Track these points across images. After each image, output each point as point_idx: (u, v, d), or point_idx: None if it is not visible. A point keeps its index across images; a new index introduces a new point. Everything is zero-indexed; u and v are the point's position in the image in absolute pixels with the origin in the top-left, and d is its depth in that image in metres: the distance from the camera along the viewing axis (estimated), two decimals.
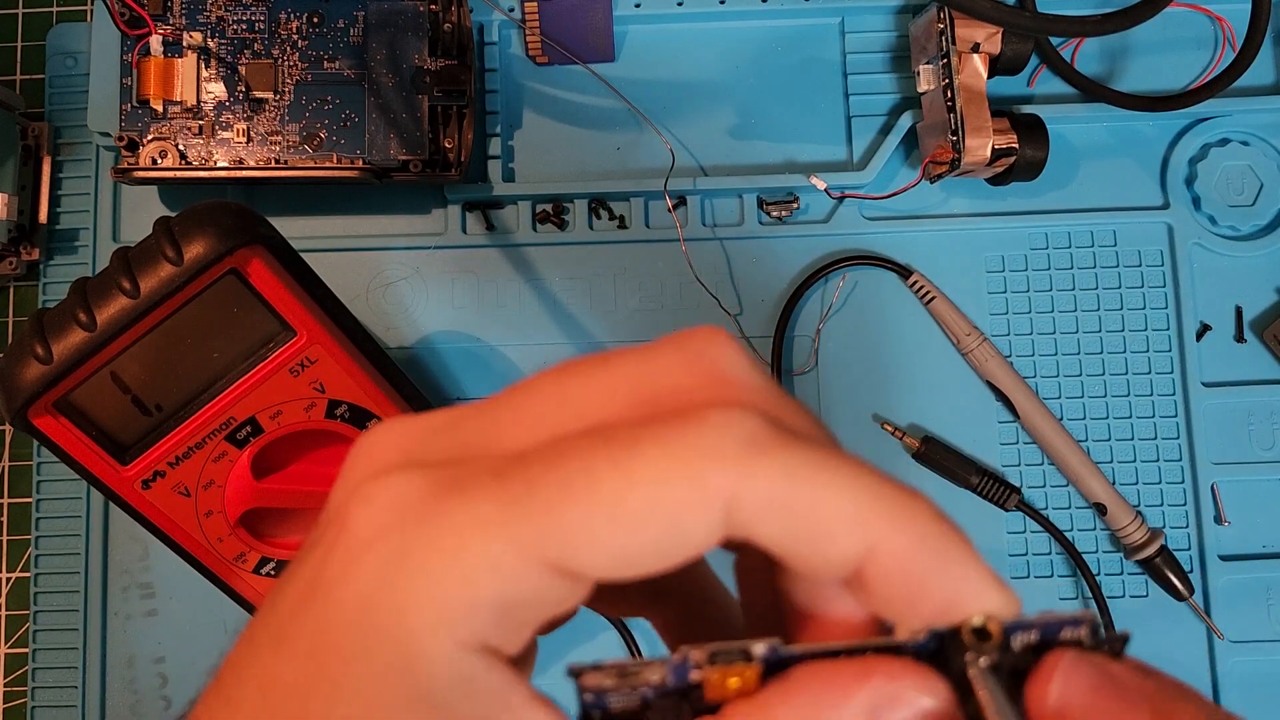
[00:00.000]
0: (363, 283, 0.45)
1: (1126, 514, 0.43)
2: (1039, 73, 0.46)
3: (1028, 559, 0.44)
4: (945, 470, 0.44)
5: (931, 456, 0.44)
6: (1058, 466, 0.44)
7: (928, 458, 0.44)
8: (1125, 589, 0.44)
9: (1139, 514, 0.44)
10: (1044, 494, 0.44)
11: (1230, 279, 0.45)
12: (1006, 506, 0.44)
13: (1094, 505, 0.44)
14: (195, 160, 0.43)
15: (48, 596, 0.44)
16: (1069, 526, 0.44)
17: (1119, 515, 0.43)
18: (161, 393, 0.37)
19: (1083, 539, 0.44)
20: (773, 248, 0.46)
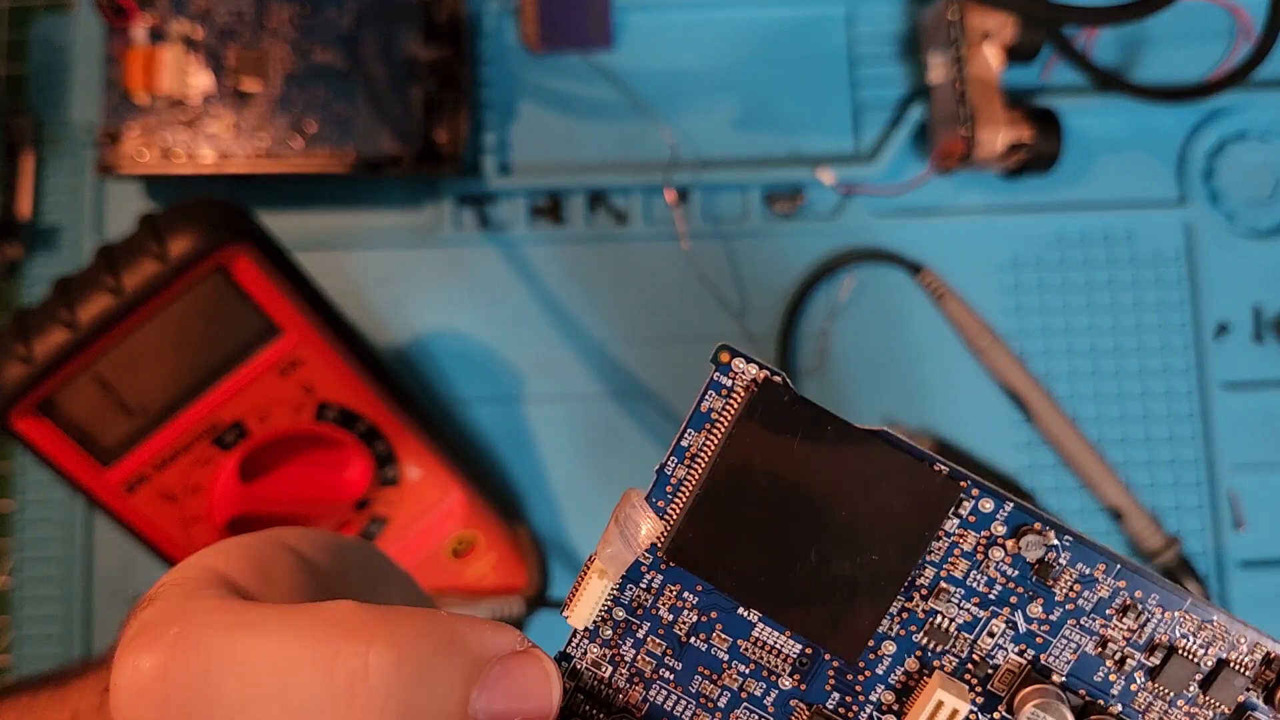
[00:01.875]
0: (353, 280, 0.44)
1: (1142, 519, 0.42)
2: (1051, 63, 0.45)
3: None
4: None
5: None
6: (1072, 470, 0.43)
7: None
8: None
9: (1156, 519, 0.43)
10: (1058, 498, 0.43)
11: (1249, 276, 0.44)
12: None
13: (1109, 510, 0.43)
14: (182, 154, 0.42)
15: (31, 604, 0.43)
16: (1084, 531, 0.43)
17: (1135, 520, 0.42)
18: (146, 394, 0.36)
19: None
20: (778, 244, 0.45)
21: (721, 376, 0.18)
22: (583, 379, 0.44)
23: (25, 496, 0.44)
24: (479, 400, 0.44)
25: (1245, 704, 0.17)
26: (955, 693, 0.17)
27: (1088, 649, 0.17)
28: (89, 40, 0.43)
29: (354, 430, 0.38)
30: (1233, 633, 0.17)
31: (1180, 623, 0.17)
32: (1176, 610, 0.17)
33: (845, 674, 0.18)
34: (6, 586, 0.44)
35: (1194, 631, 0.17)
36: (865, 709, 0.18)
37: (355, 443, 0.38)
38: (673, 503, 0.18)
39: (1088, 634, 0.17)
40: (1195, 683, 0.17)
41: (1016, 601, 0.17)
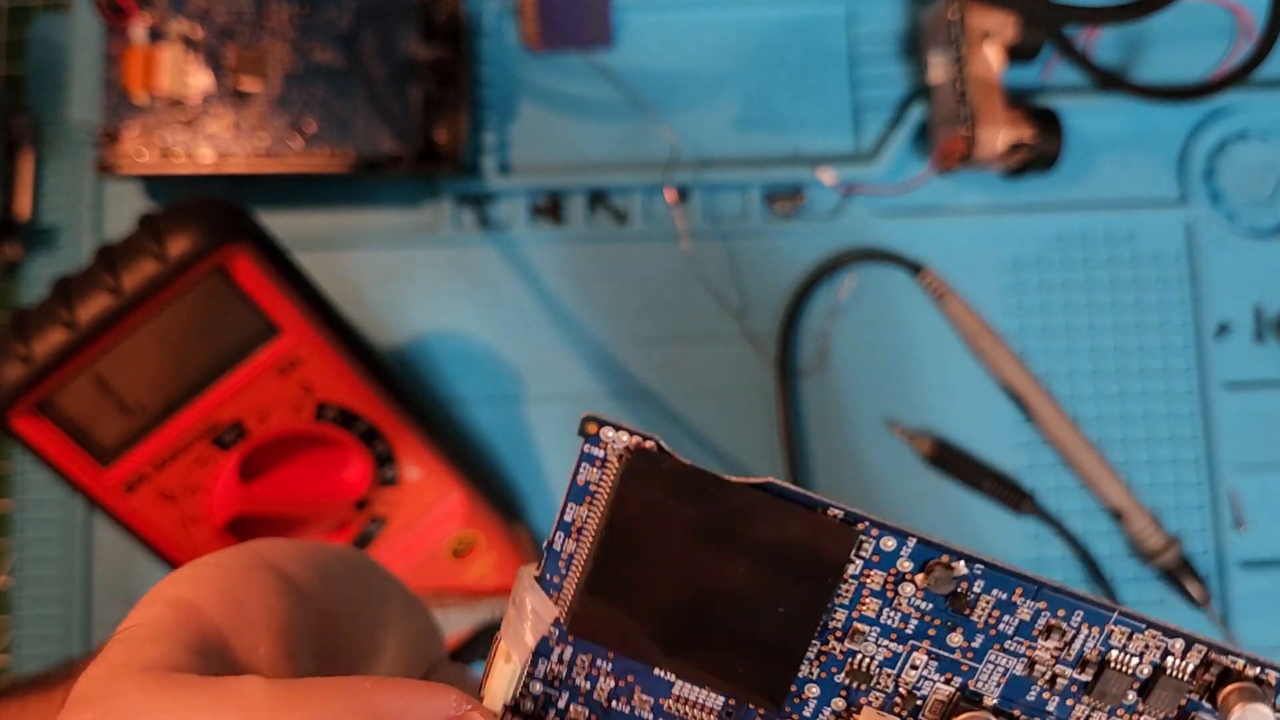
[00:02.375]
0: (352, 280, 0.44)
1: (1143, 519, 0.42)
2: (1052, 63, 0.45)
3: (1042, 564, 0.43)
4: (957, 474, 0.43)
5: (943, 460, 0.43)
6: (1073, 470, 0.43)
7: (939, 462, 0.43)
8: (1141, 595, 0.43)
9: (1156, 519, 0.42)
10: (1058, 498, 0.43)
11: (1250, 276, 0.44)
12: (1020, 511, 0.43)
13: (1110, 510, 0.43)
14: (181, 154, 0.42)
15: (31, 604, 0.43)
16: (1084, 531, 0.43)
17: (1135, 520, 0.42)
18: (145, 394, 0.36)
19: (1098, 544, 0.43)
20: (778, 244, 0.44)
21: (592, 448, 0.17)
22: (583, 379, 0.44)
23: (24, 496, 0.44)
24: (479, 400, 0.44)
25: (1188, 706, 0.17)
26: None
27: (1016, 671, 0.17)
28: (88, 40, 0.43)
29: (353, 430, 0.38)
30: (1165, 640, 0.17)
31: (1109, 636, 0.17)
32: (1102, 625, 0.17)
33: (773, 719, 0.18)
34: (6, 586, 0.44)
35: (1124, 644, 0.17)
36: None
37: (355, 443, 0.38)
38: (567, 577, 0.18)
39: (1014, 657, 0.17)
40: (1133, 691, 0.17)
41: (935, 634, 0.17)
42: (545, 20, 0.44)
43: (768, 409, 0.43)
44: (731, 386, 0.44)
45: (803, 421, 0.44)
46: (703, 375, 0.44)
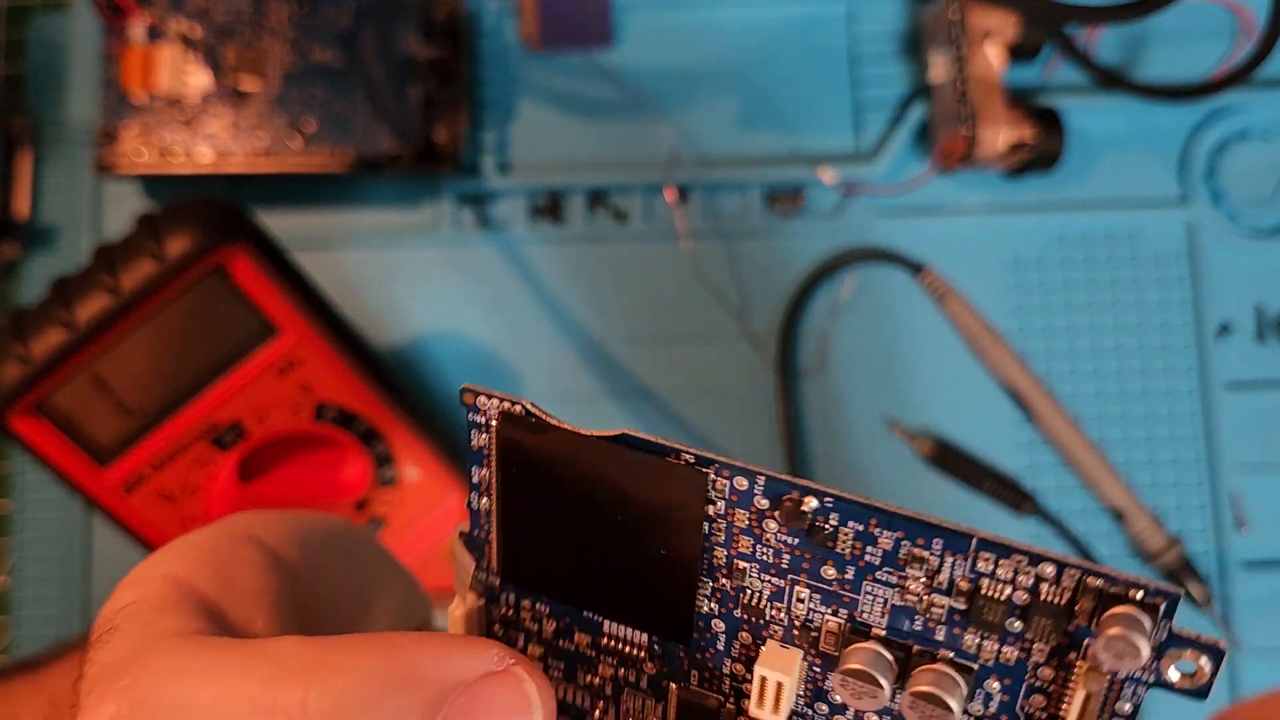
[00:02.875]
0: (351, 280, 0.44)
1: (1144, 519, 0.42)
2: (1053, 62, 0.45)
3: None
4: (958, 475, 0.43)
5: (944, 461, 0.43)
6: (1074, 470, 0.43)
7: (940, 462, 0.43)
8: None
9: (1157, 519, 0.42)
10: (1059, 498, 0.43)
11: (1251, 276, 0.44)
12: (1021, 511, 0.43)
13: (1111, 510, 0.43)
14: (180, 153, 0.41)
15: (31, 604, 0.43)
16: (1085, 532, 0.43)
17: (1136, 520, 0.42)
18: (144, 394, 0.36)
19: (1099, 544, 0.43)
20: (779, 243, 0.44)
21: (475, 415, 0.18)
22: (583, 379, 0.44)
23: (24, 497, 0.43)
24: None
25: (1077, 632, 0.16)
26: (780, 664, 0.17)
27: (895, 601, 0.17)
28: (87, 39, 0.43)
29: (353, 430, 0.38)
30: (1036, 565, 0.16)
31: (975, 563, 0.16)
32: (965, 553, 0.16)
33: (694, 653, 0.19)
34: (5, 587, 0.44)
35: (991, 570, 0.16)
36: (723, 681, 0.19)
37: (354, 443, 0.38)
38: (489, 531, 0.19)
39: (888, 587, 0.17)
40: (1017, 619, 0.16)
41: (809, 567, 0.17)
42: (545, 19, 0.44)
43: (768, 409, 0.43)
44: (731, 386, 0.44)
45: (803, 421, 0.43)
46: (703, 375, 0.44)
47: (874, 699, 0.17)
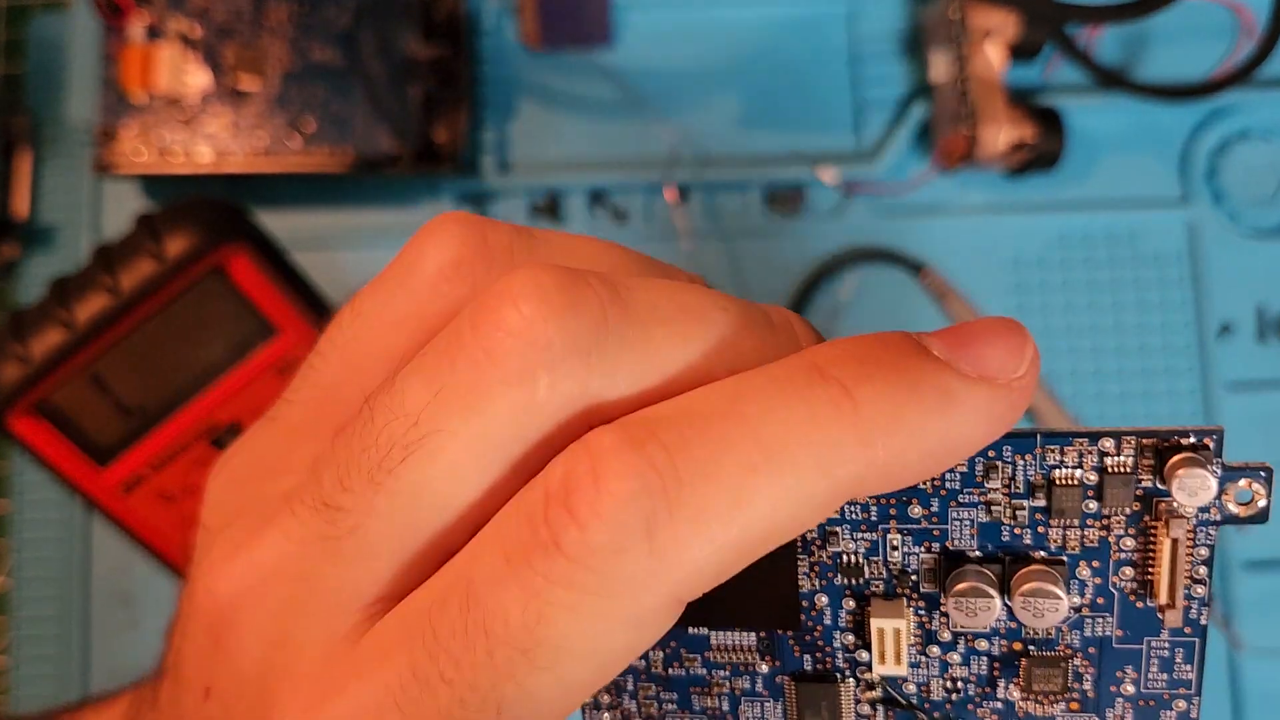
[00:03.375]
0: (351, 279, 0.44)
1: None
2: (1054, 62, 0.45)
3: None
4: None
5: None
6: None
7: None
8: None
9: None
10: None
11: (1252, 276, 0.44)
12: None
13: None
14: (179, 153, 0.41)
15: (30, 604, 0.43)
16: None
17: None
18: (143, 394, 0.36)
19: None
20: (779, 243, 0.44)
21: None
22: None
23: (23, 497, 0.43)
24: None
25: (1146, 493, 0.17)
26: (892, 613, 0.18)
27: (981, 519, 0.18)
28: (86, 39, 0.43)
29: None
30: (1096, 443, 0.17)
31: (1043, 458, 0.17)
32: (1031, 450, 0.17)
33: (803, 637, 0.19)
34: (5, 587, 0.43)
35: (1059, 460, 0.17)
36: (837, 656, 0.19)
37: None
38: None
39: (972, 507, 0.18)
40: (1091, 500, 0.17)
41: (895, 513, 0.18)
42: (545, 18, 0.44)
43: None
44: None
45: None
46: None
47: (988, 611, 0.18)
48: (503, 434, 0.15)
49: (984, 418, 0.16)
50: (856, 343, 0.16)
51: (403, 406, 0.15)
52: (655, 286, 0.16)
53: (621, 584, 0.14)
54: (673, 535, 0.14)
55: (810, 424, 0.15)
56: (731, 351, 0.16)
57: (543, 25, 0.44)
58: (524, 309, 0.15)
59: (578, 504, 0.14)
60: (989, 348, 0.16)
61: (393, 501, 0.15)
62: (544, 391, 0.15)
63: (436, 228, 0.18)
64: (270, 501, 0.17)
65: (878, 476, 0.15)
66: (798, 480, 0.15)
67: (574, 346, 0.15)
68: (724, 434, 0.15)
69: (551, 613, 0.14)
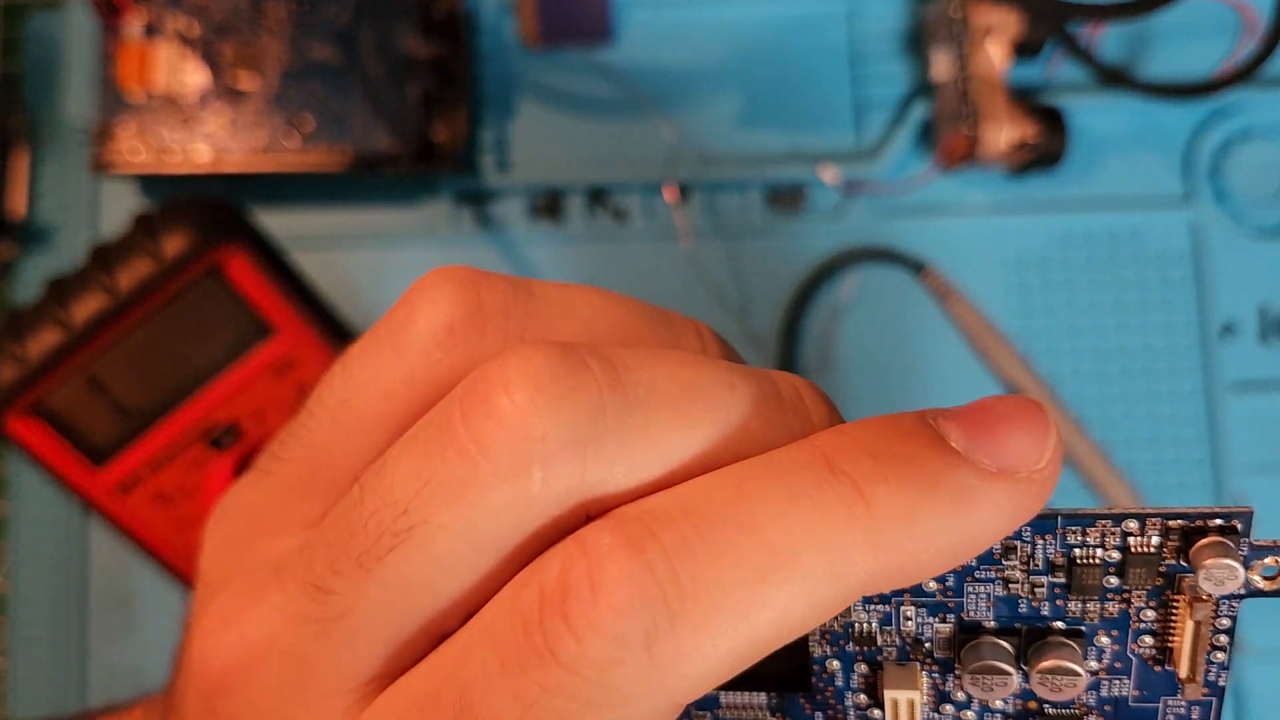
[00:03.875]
0: (349, 279, 0.44)
1: None
2: (1056, 60, 0.45)
3: None
4: None
5: None
6: (1077, 471, 0.43)
7: None
8: None
9: None
10: (1062, 499, 0.43)
11: (1255, 276, 0.44)
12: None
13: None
14: (176, 151, 0.41)
15: (27, 605, 0.43)
16: None
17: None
18: (140, 395, 0.36)
19: None
20: (780, 243, 0.44)
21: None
22: None
23: (19, 498, 0.43)
24: None
25: (1169, 570, 0.17)
26: (905, 683, 0.18)
27: (998, 593, 0.18)
28: (83, 37, 0.43)
29: None
30: (1119, 524, 0.17)
31: (1064, 538, 0.17)
32: (1053, 531, 0.17)
33: (815, 696, 0.19)
34: (2, 589, 0.43)
35: (1081, 540, 0.17)
36: (850, 715, 0.19)
37: None
38: None
39: (989, 583, 0.18)
40: (1112, 576, 0.17)
41: (910, 586, 0.17)
42: (545, 17, 0.44)
43: None
44: None
45: None
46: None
47: (1005, 687, 0.18)
48: (494, 527, 0.15)
49: (1003, 515, 0.15)
50: (871, 432, 0.15)
51: (391, 493, 0.15)
52: (659, 363, 0.16)
53: (619, 695, 0.14)
54: (674, 647, 0.14)
55: (821, 527, 0.14)
56: (738, 437, 0.16)
57: (542, 24, 0.44)
58: (516, 397, 0.14)
59: (574, 614, 0.14)
60: (1010, 438, 0.15)
61: (383, 589, 0.15)
62: (538, 486, 0.14)
63: (428, 287, 0.18)
64: (264, 566, 0.17)
65: (890, 578, 0.15)
66: (807, 585, 0.14)
67: (569, 438, 0.14)
68: (728, 538, 0.14)
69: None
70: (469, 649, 0.15)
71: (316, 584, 0.16)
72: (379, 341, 0.18)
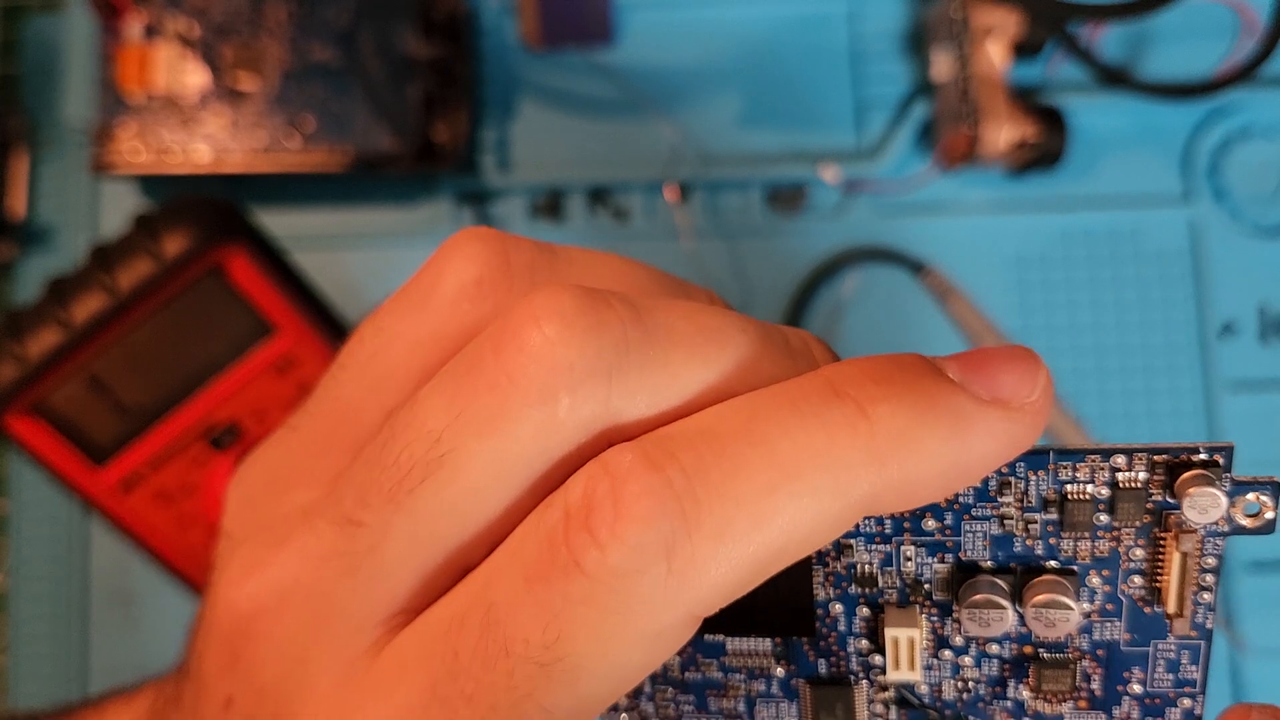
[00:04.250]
0: (350, 279, 0.44)
1: None
2: (1056, 60, 0.45)
3: None
4: None
5: None
6: None
7: None
8: None
9: None
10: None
11: (1254, 274, 0.44)
12: None
13: None
14: (177, 152, 0.41)
15: (28, 604, 0.43)
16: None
17: None
18: (140, 394, 0.36)
19: None
20: (780, 242, 0.44)
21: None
22: None
23: (20, 497, 0.43)
24: None
25: (1156, 507, 0.18)
26: (906, 622, 0.19)
27: (994, 532, 0.18)
28: (82, 38, 0.43)
29: None
30: (1108, 460, 0.18)
31: (1056, 473, 0.18)
32: (1045, 467, 0.18)
33: (818, 642, 0.19)
34: (3, 587, 0.43)
35: (1072, 476, 0.18)
36: (851, 660, 0.20)
37: None
38: None
39: (986, 520, 0.18)
40: (1102, 513, 0.18)
41: (910, 525, 0.18)
42: (545, 17, 0.44)
43: None
44: None
45: None
46: None
47: (1001, 622, 0.18)
48: (523, 454, 0.15)
49: (997, 440, 0.16)
50: (872, 362, 0.16)
51: (424, 426, 0.16)
52: (676, 308, 0.16)
53: (640, 603, 0.14)
54: (691, 556, 0.14)
55: (827, 444, 0.15)
56: (750, 373, 0.16)
57: (543, 24, 0.44)
58: (546, 331, 0.15)
59: (598, 525, 0.14)
60: (1002, 373, 0.16)
61: (413, 519, 0.16)
62: (564, 412, 0.15)
63: (458, 245, 0.18)
64: (289, 516, 0.17)
65: (893, 496, 0.16)
66: (814, 499, 0.15)
67: (595, 368, 0.15)
68: (741, 455, 0.15)
69: (571, 631, 0.14)
70: (495, 572, 0.16)
71: (347, 518, 0.16)
72: (408, 297, 0.18)
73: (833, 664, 0.20)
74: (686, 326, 0.16)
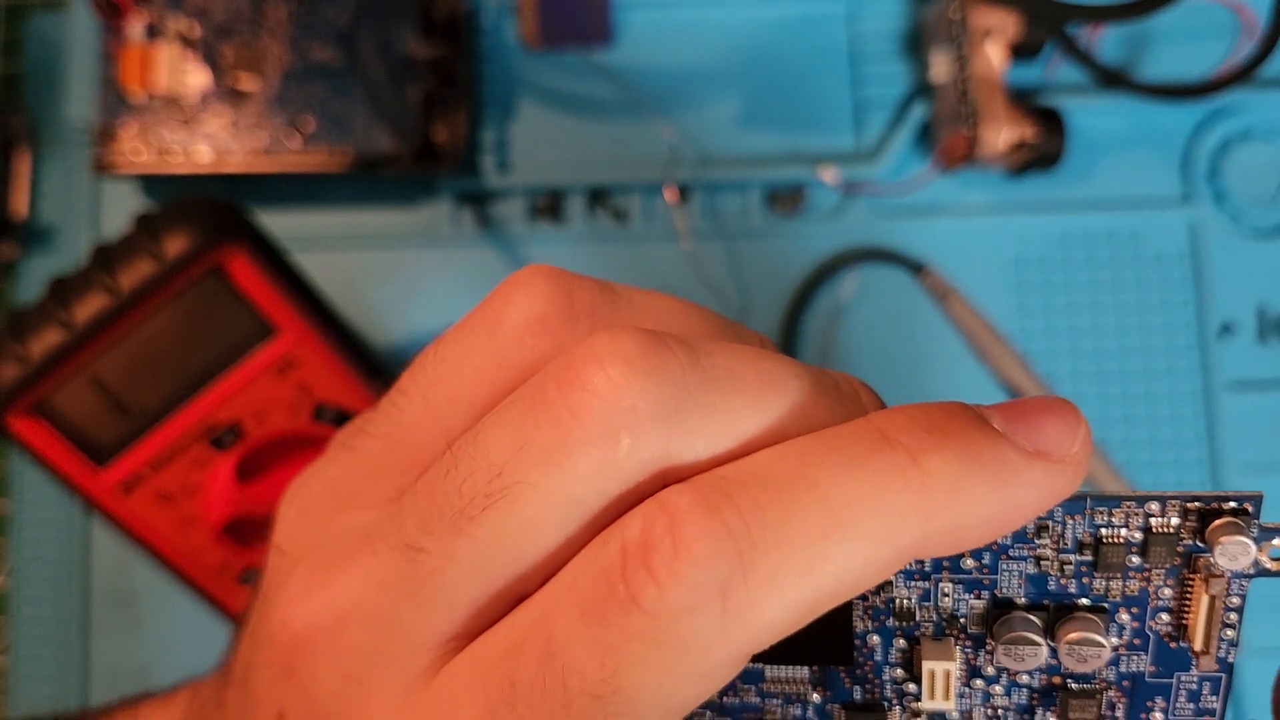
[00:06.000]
0: (350, 279, 0.44)
1: None
2: (1055, 61, 0.45)
3: None
4: None
5: None
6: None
7: None
8: None
9: None
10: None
11: (1254, 276, 0.44)
12: None
13: None
14: (178, 152, 0.41)
15: (29, 604, 0.43)
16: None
17: None
18: (142, 394, 0.36)
19: None
20: (780, 243, 0.44)
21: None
22: None
23: (22, 497, 0.43)
24: None
25: (1186, 550, 0.19)
26: (941, 655, 0.19)
27: (1029, 571, 0.19)
28: (84, 38, 0.43)
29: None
30: (1142, 506, 0.19)
31: (1092, 518, 0.19)
32: (1082, 512, 0.19)
33: (854, 670, 0.20)
34: (5, 588, 0.43)
35: (1108, 520, 0.19)
36: (886, 688, 0.20)
37: None
38: None
39: (1022, 560, 0.19)
40: (1134, 555, 0.19)
41: (948, 564, 0.19)
42: (545, 18, 0.44)
43: None
44: None
45: None
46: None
47: (1035, 657, 0.19)
48: (583, 490, 0.16)
49: (1040, 491, 0.17)
50: (923, 410, 0.17)
51: (487, 456, 0.16)
52: (733, 352, 0.17)
53: (694, 641, 0.15)
54: (745, 597, 0.15)
55: (878, 492, 0.16)
56: (803, 417, 0.17)
57: (543, 25, 0.44)
58: (610, 372, 0.16)
59: (656, 564, 0.15)
60: (1046, 425, 0.17)
61: (473, 547, 0.16)
62: (625, 452, 0.16)
63: (524, 280, 0.19)
64: (348, 535, 0.18)
65: (939, 542, 0.16)
66: (865, 546, 0.15)
67: (656, 410, 0.16)
68: (795, 500, 0.15)
69: (627, 666, 0.15)
70: (552, 604, 0.16)
71: (409, 543, 0.16)
72: (473, 327, 0.19)
73: (868, 691, 0.20)
74: (744, 370, 0.17)
